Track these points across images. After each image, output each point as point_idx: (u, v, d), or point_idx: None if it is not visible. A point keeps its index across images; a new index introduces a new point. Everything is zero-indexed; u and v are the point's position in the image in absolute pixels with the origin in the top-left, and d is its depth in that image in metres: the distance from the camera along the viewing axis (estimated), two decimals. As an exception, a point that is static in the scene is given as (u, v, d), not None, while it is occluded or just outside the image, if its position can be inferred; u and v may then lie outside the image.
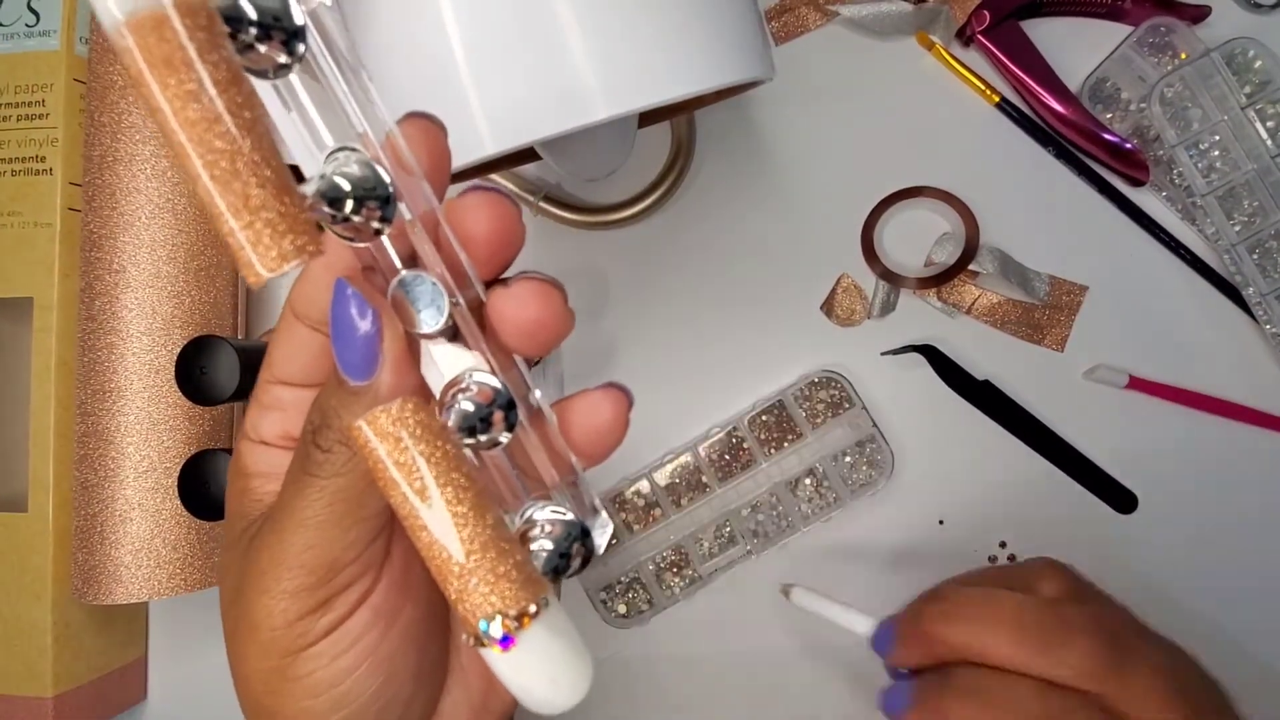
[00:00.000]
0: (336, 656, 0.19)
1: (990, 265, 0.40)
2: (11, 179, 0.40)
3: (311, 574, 0.18)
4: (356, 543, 0.18)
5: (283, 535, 0.18)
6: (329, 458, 0.17)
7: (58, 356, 0.39)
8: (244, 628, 0.19)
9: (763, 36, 0.27)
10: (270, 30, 0.14)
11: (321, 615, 0.18)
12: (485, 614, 0.15)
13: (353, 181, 0.15)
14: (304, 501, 0.18)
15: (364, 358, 0.16)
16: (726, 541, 0.41)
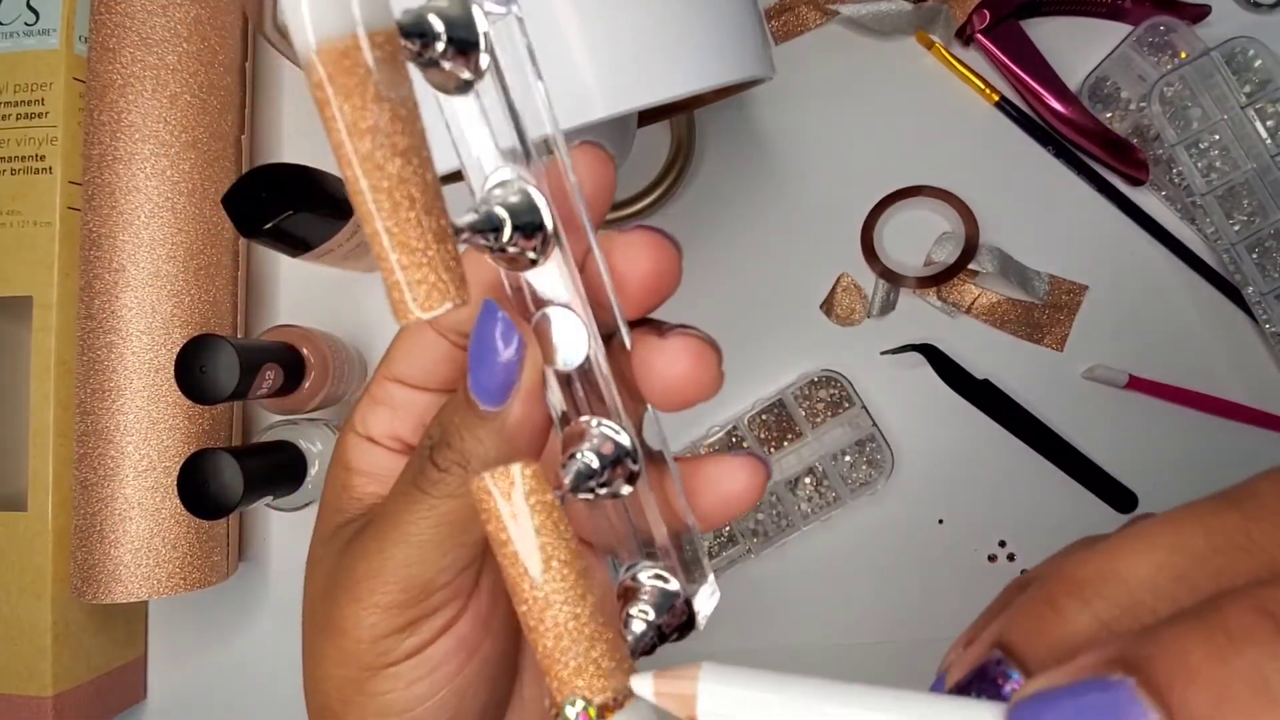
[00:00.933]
0: (414, 681, 0.19)
1: (990, 265, 0.40)
2: (11, 178, 0.40)
3: (406, 591, 0.18)
4: (452, 567, 0.18)
5: (384, 546, 0.18)
6: (444, 478, 0.17)
7: (57, 355, 0.39)
8: (329, 631, 0.19)
9: (762, 35, 0.27)
10: (459, 45, 0.14)
11: (408, 636, 0.18)
12: (568, 695, 0.15)
13: (511, 210, 0.15)
14: (412, 517, 0.17)
15: (500, 384, 0.16)
16: (726, 540, 0.41)
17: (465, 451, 0.17)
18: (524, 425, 0.16)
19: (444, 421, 0.17)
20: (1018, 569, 0.41)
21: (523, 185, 0.15)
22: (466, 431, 0.17)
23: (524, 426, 0.16)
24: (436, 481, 0.17)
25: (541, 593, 0.15)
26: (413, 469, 0.18)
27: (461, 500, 0.17)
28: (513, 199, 0.15)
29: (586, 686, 0.15)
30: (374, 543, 0.18)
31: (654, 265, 0.17)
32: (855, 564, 0.42)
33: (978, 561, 0.41)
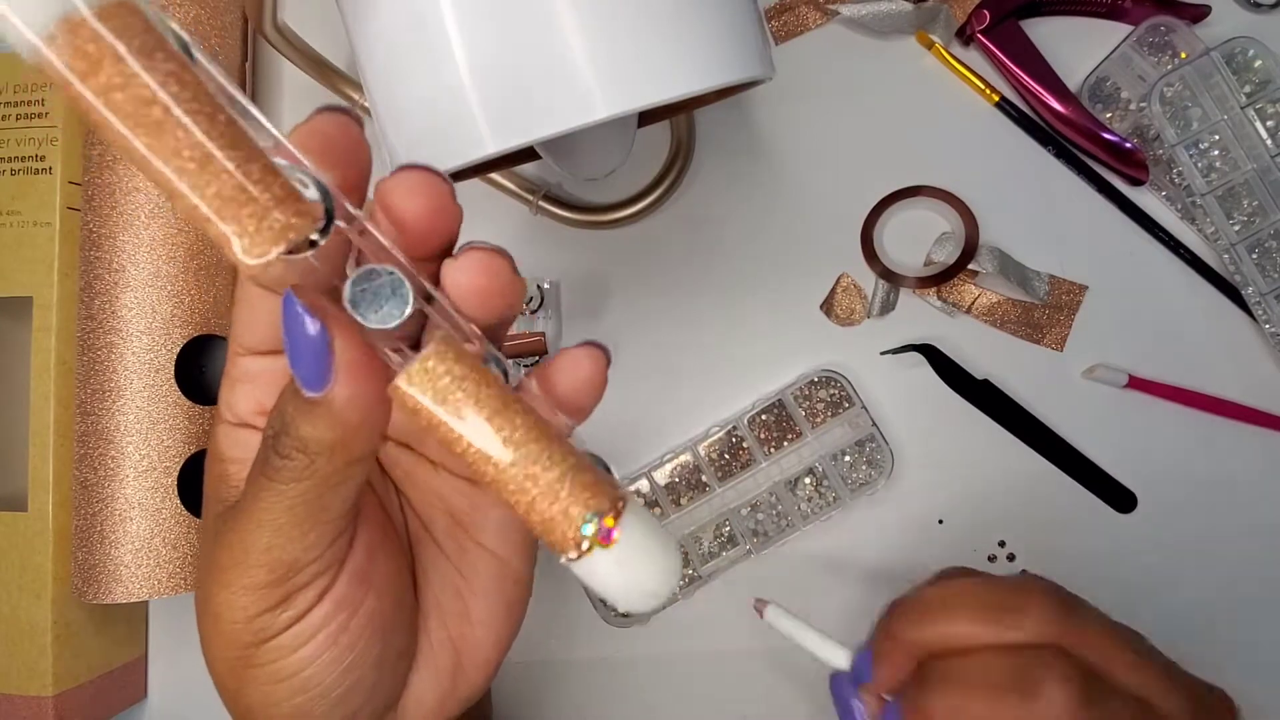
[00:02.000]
0: (297, 647, 0.19)
1: (990, 265, 0.40)
2: (11, 178, 0.40)
3: (271, 572, 0.18)
4: (317, 544, 0.18)
5: (243, 535, 0.18)
6: (287, 464, 0.17)
7: (57, 356, 0.39)
8: (208, 618, 0.19)
9: (762, 36, 0.27)
10: None
11: (282, 610, 0.19)
12: (584, 516, 0.15)
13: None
14: (263, 504, 0.18)
15: (316, 371, 0.16)
16: (726, 541, 0.41)
17: (302, 437, 0.17)
18: (354, 404, 0.16)
19: (281, 409, 0.17)
20: (1018, 569, 0.41)
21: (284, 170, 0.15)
22: (301, 418, 0.17)
23: (354, 405, 0.16)
24: (280, 468, 0.17)
25: (523, 451, 0.15)
26: (259, 460, 0.18)
27: (311, 482, 0.17)
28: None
29: (596, 502, 0.16)
30: (233, 532, 0.18)
31: (426, 202, 0.17)
32: (855, 564, 0.42)
33: (978, 561, 0.41)
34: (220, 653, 0.19)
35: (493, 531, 0.22)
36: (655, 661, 0.42)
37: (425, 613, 0.22)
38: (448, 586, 0.22)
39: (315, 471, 0.17)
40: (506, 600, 0.23)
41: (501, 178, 0.42)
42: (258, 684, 0.19)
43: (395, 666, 0.21)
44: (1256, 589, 0.40)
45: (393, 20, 0.25)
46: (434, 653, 0.22)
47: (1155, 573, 0.41)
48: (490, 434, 0.15)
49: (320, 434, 0.17)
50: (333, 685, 0.20)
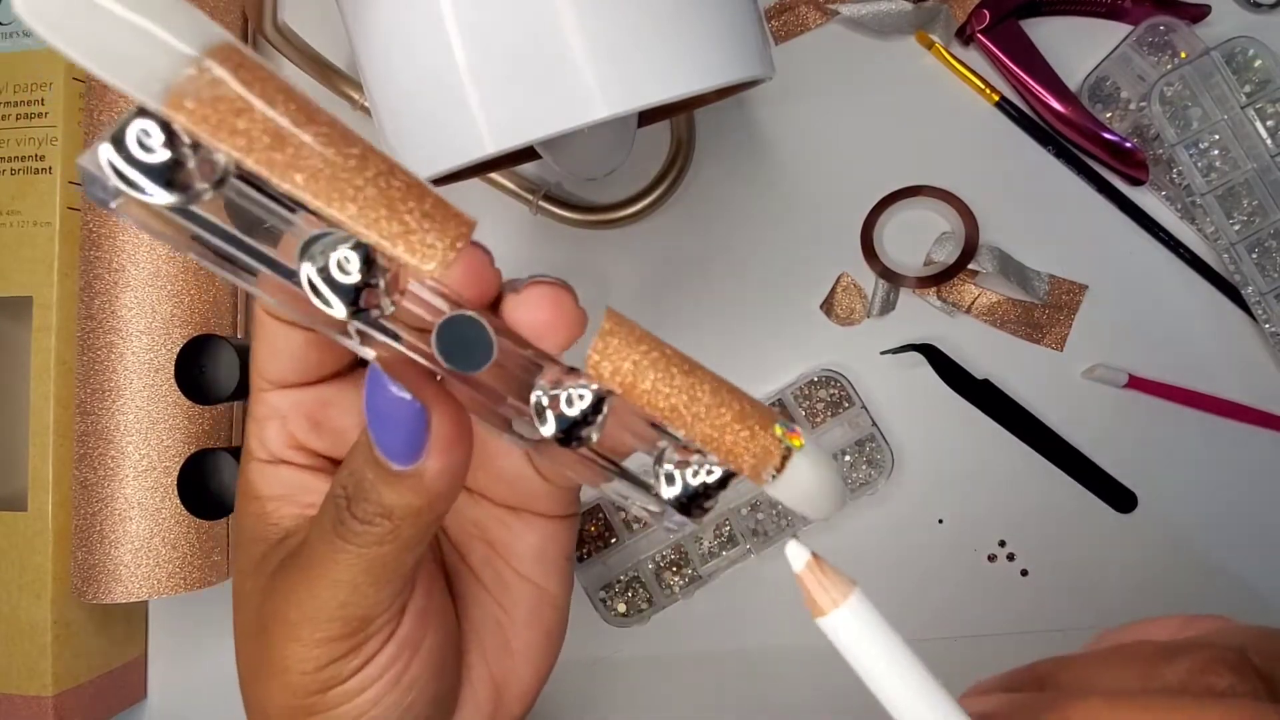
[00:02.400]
0: (363, 690, 0.19)
1: (990, 264, 0.40)
2: (11, 178, 0.40)
3: (345, 626, 0.18)
4: (390, 597, 0.18)
5: (315, 591, 0.18)
6: (369, 530, 0.17)
7: (57, 355, 0.39)
8: (269, 669, 0.19)
9: (762, 35, 0.27)
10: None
11: (352, 658, 0.18)
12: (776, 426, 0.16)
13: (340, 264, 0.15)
14: (337, 565, 0.17)
15: (409, 445, 0.16)
16: (726, 540, 0.41)
17: (386, 505, 0.16)
18: (445, 475, 0.16)
19: (356, 473, 0.17)
20: (1018, 569, 0.41)
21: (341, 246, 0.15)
22: (385, 487, 0.16)
23: (445, 477, 0.16)
24: (360, 533, 0.17)
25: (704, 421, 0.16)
26: (332, 518, 0.17)
27: (391, 545, 0.17)
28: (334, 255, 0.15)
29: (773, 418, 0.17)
30: (304, 587, 0.18)
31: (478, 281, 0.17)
32: (855, 564, 0.41)
33: (978, 561, 0.41)
34: (280, 701, 0.19)
35: (530, 558, 0.22)
36: (655, 661, 0.42)
37: (466, 648, 0.22)
38: (488, 619, 0.22)
39: (399, 535, 0.17)
40: (545, 629, 0.22)
41: (501, 178, 0.42)
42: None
43: (447, 701, 0.21)
44: (1256, 589, 0.40)
45: (393, 20, 0.25)
46: (474, 688, 0.22)
47: (1155, 573, 0.41)
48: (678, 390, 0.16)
49: (407, 502, 0.16)
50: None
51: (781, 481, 0.16)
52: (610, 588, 0.42)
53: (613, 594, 0.42)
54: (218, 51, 0.12)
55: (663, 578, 0.41)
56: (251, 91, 0.12)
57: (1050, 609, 0.41)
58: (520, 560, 0.22)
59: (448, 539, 0.23)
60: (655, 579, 0.41)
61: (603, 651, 0.42)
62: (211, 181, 0.14)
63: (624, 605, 0.41)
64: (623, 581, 0.41)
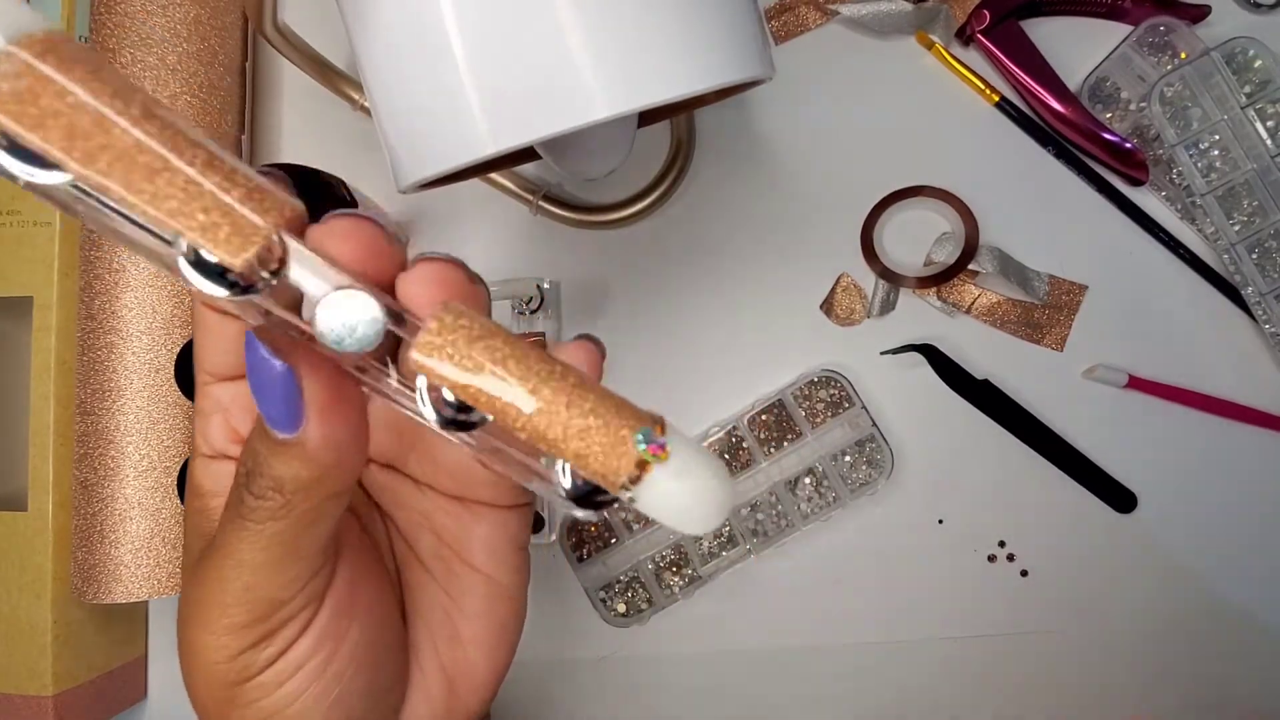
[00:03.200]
0: (281, 683, 0.19)
1: (990, 265, 0.40)
2: (11, 178, 0.40)
3: (250, 612, 0.18)
4: (296, 580, 0.18)
5: (220, 574, 0.18)
6: (261, 504, 0.17)
7: (57, 355, 0.39)
8: (189, 659, 0.19)
9: (762, 36, 0.27)
10: None
11: (264, 648, 0.18)
12: (635, 432, 0.15)
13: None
14: (239, 545, 0.17)
15: (286, 413, 0.15)
16: (726, 541, 0.41)
17: (277, 477, 0.16)
18: (328, 444, 0.16)
19: (252, 449, 0.17)
20: (1018, 569, 0.41)
21: None
22: (274, 458, 0.16)
23: (328, 446, 0.16)
24: (255, 508, 0.17)
25: (552, 392, 0.14)
26: (233, 500, 0.17)
27: (287, 522, 0.17)
28: None
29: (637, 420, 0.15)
30: (211, 571, 0.18)
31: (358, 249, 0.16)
32: (855, 564, 0.42)
33: (978, 561, 0.41)
34: (203, 692, 0.19)
35: (481, 550, 0.21)
36: (655, 661, 0.42)
37: (415, 639, 0.22)
38: (437, 610, 0.22)
39: (291, 510, 0.17)
40: (499, 621, 0.22)
41: (501, 178, 0.42)
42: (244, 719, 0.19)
43: (386, 697, 0.21)
44: (1257, 589, 0.40)
45: (393, 20, 0.25)
46: (425, 680, 0.22)
47: (1155, 573, 0.41)
48: (515, 383, 0.14)
49: (295, 473, 0.16)
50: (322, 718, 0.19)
51: (640, 495, 0.15)
52: (610, 588, 0.42)
53: (613, 594, 0.42)
54: (28, 40, 0.12)
55: (663, 578, 0.41)
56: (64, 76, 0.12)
57: (1050, 609, 0.41)
58: (469, 552, 0.21)
59: (396, 529, 0.22)
60: (655, 579, 0.41)
61: (603, 652, 0.42)
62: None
63: (624, 605, 0.41)
64: (623, 581, 0.41)
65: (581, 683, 0.43)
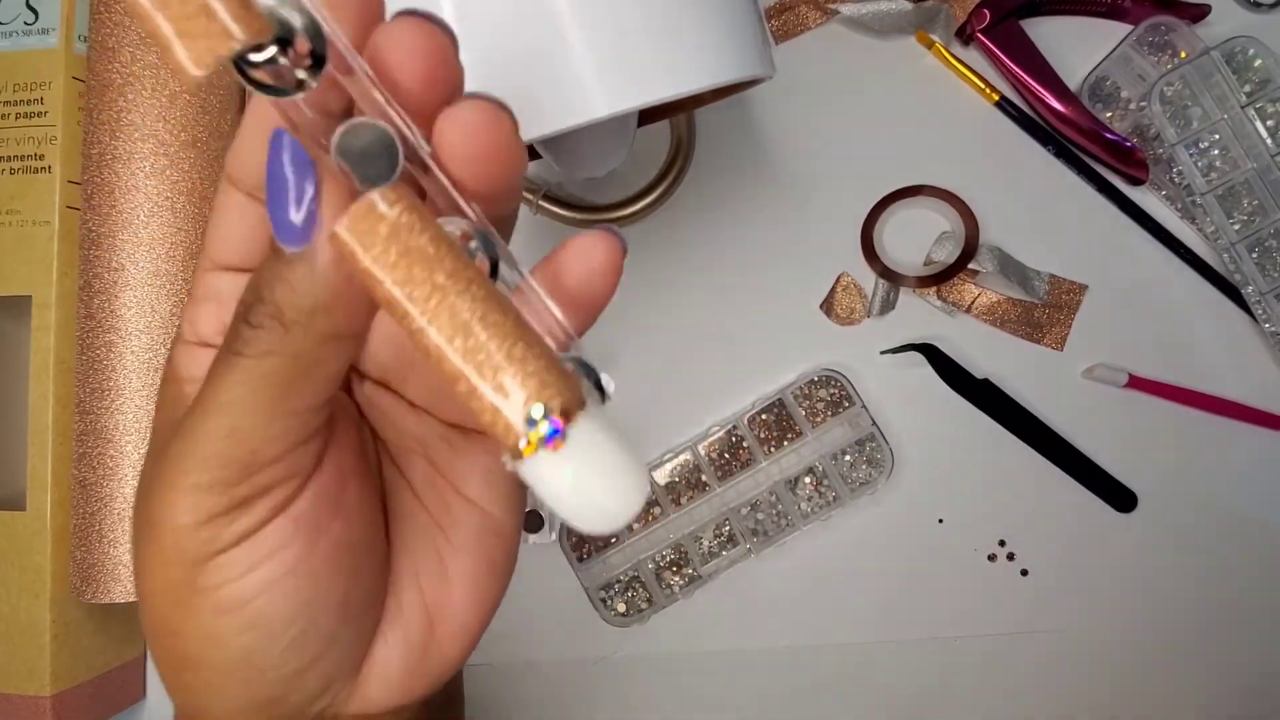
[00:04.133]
0: (250, 568, 0.16)
1: (990, 264, 0.40)
2: (10, 177, 0.40)
3: (226, 467, 0.16)
4: (281, 437, 0.16)
5: (201, 420, 0.16)
6: (258, 334, 0.15)
7: (56, 355, 0.39)
8: (147, 532, 0.17)
9: (762, 35, 0.27)
10: None
11: (235, 519, 0.16)
12: (532, 406, 0.13)
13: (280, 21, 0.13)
14: (227, 383, 0.15)
15: (301, 220, 0.14)
16: (726, 540, 0.41)
17: (278, 302, 0.15)
18: (338, 261, 0.14)
19: (256, 279, 0.15)
20: (1018, 569, 0.41)
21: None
22: (277, 281, 0.15)
23: (339, 264, 0.14)
24: (250, 339, 0.15)
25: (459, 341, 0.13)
26: (229, 335, 0.16)
27: (282, 358, 0.15)
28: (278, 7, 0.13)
29: (543, 392, 0.13)
30: (188, 422, 0.16)
31: (426, 58, 0.15)
32: (855, 564, 0.42)
33: (978, 561, 0.41)
34: (160, 575, 0.17)
35: (477, 481, 0.20)
36: (655, 661, 0.42)
37: (397, 570, 0.20)
38: (424, 540, 0.20)
39: (290, 343, 0.15)
40: (489, 558, 0.20)
41: (501, 177, 0.42)
42: (201, 616, 0.17)
43: (360, 618, 0.19)
44: (1256, 589, 0.40)
45: (392, 18, 0.25)
46: (404, 616, 0.19)
47: (1155, 573, 0.41)
48: (435, 300, 0.13)
49: (299, 296, 0.15)
50: (288, 623, 0.17)
51: (524, 466, 0.13)
52: (610, 587, 0.41)
53: (613, 594, 0.41)
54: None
55: (663, 578, 0.41)
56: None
57: (1050, 609, 0.41)
58: (465, 482, 0.20)
59: (387, 453, 0.21)
60: (655, 579, 0.41)
61: (603, 651, 0.42)
62: None
63: (624, 605, 0.41)
64: (623, 581, 0.41)
65: (581, 683, 0.43)
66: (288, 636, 0.17)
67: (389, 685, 0.19)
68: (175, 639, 0.17)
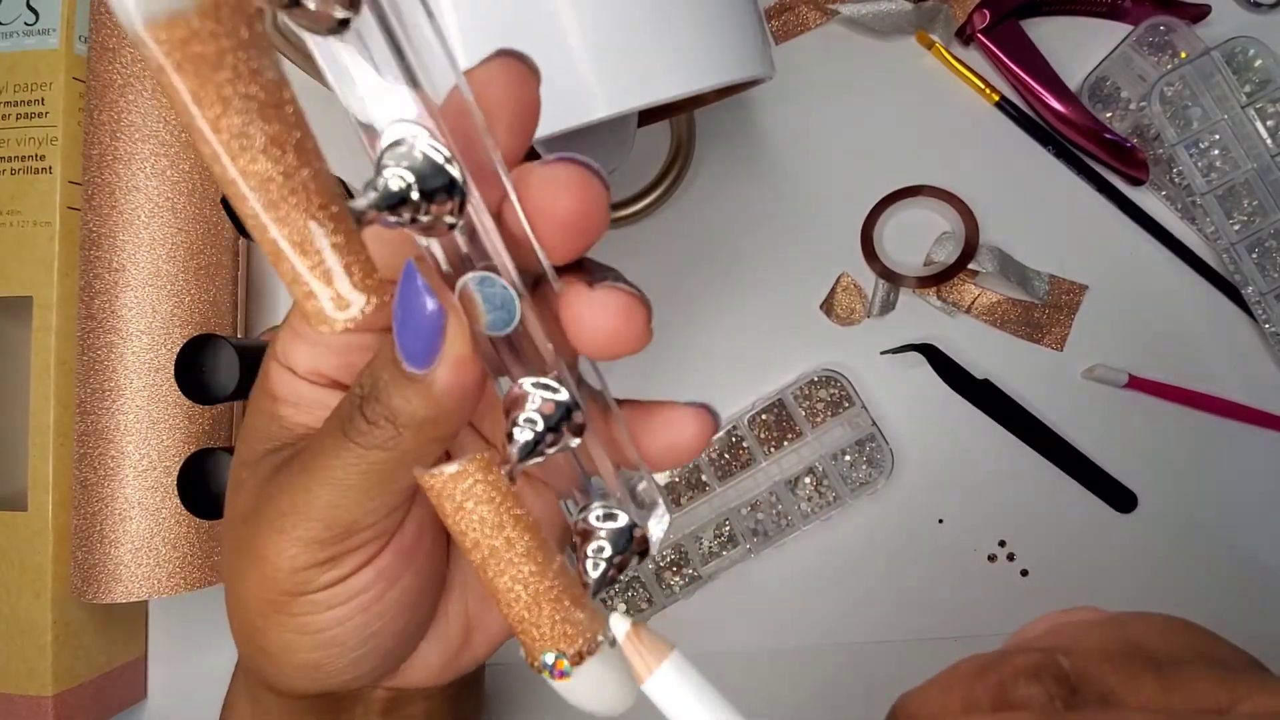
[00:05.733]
0: (332, 607, 0.19)
1: (990, 264, 0.40)
2: (11, 178, 0.40)
3: (328, 529, 0.18)
4: (377, 510, 0.18)
5: (309, 485, 0.18)
6: (373, 430, 0.17)
7: (57, 355, 0.39)
8: (251, 556, 0.19)
9: (762, 35, 0.27)
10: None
11: (328, 569, 0.19)
12: (544, 650, 0.16)
13: (417, 176, 0.14)
14: (339, 463, 0.17)
15: (425, 349, 0.16)
16: (726, 540, 0.41)
17: (394, 408, 0.17)
18: (452, 391, 0.16)
19: (375, 373, 0.17)
20: (1018, 569, 0.41)
21: (421, 143, 0.14)
22: (395, 389, 0.16)
23: (452, 392, 0.16)
24: (365, 433, 0.17)
25: (504, 566, 0.16)
26: (343, 414, 0.18)
27: (389, 453, 0.17)
28: (412, 162, 0.13)
29: (558, 643, 0.16)
30: (300, 478, 0.18)
31: (577, 204, 0.16)
32: (855, 564, 0.42)
33: (978, 561, 0.41)
34: (255, 591, 0.19)
35: None
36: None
37: (450, 583, 0.23)
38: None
39: (399, 444, 0.17)
40: None
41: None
42: (283, 630, 0.20)
43: (411, 640, 0.22)
44: (1257, 589, 0.40)
45: (393, 19, 0.25)
46: (448, 624, 0.23)
47: (1155, 573, 0.41)
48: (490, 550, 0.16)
49: (413, 409, 0.16)
50: (354, 647, 0.20)
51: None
52: (610, 587, 0.41)
53: (613, 594, 0.41)
54: None
55: (663, 578, 0.41)
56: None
57: (1050, 609, 0.41)
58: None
59: None
60: (655, 579, 0.41)
61: (603, 651, 0.42)
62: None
63: (624, 605, 0.41)
64: (623, 581, 0.41)
65: (581, 683, 0.43)
66: (353, 655, 0.20)
67: (425, 673, 0.23)
68: (258, 635, 0.20)
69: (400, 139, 0.14)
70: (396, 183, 0.13)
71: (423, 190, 0.14)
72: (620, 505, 0.18)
